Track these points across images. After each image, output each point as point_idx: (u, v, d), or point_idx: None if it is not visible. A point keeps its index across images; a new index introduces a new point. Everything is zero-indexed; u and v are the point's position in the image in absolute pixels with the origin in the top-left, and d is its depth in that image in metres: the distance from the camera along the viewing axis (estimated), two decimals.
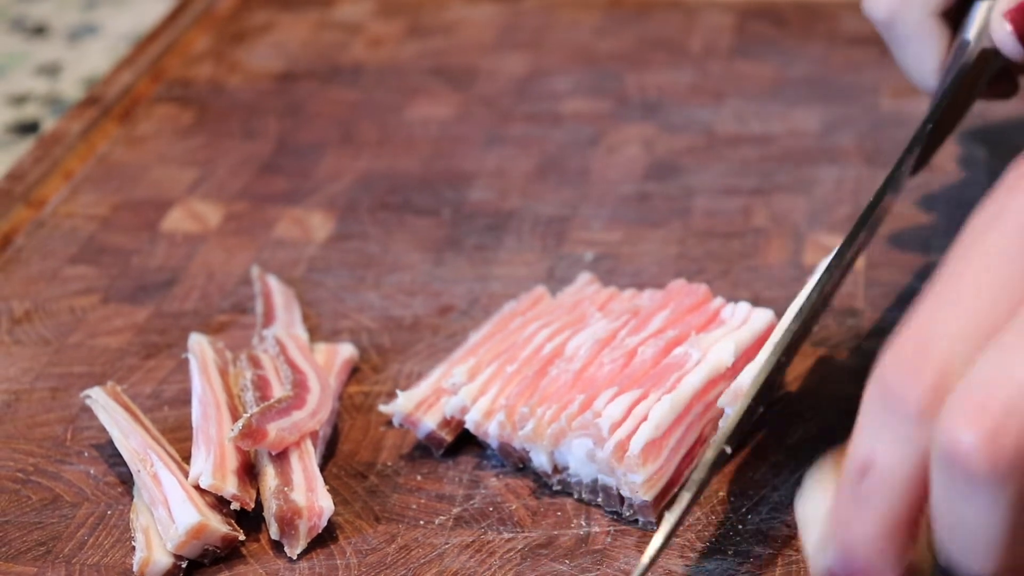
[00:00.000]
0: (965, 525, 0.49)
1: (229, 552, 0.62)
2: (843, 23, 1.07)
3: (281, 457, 0.64)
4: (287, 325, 0.76)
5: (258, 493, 0.64)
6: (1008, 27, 0.67)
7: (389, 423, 0.70)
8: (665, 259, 0.81)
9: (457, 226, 0.86)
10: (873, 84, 0.98)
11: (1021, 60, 0.68)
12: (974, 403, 0.47)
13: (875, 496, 0.51)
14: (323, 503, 0.62)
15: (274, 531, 0.62)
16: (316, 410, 0.66)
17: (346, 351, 0.73)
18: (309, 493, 0.62)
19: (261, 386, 0.68)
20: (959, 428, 0.47)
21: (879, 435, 0.51)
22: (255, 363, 0.69)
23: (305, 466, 0.64)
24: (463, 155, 0.93)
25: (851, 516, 0.52)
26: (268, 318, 0.76)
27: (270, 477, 0.63)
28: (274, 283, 0.79)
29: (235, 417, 0.67)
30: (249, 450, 0.64)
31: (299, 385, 0.67)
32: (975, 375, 0.48)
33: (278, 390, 0.67)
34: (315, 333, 0.77)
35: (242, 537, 0.63)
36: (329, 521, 0.63)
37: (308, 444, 0.65)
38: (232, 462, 0.64)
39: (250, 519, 0.64)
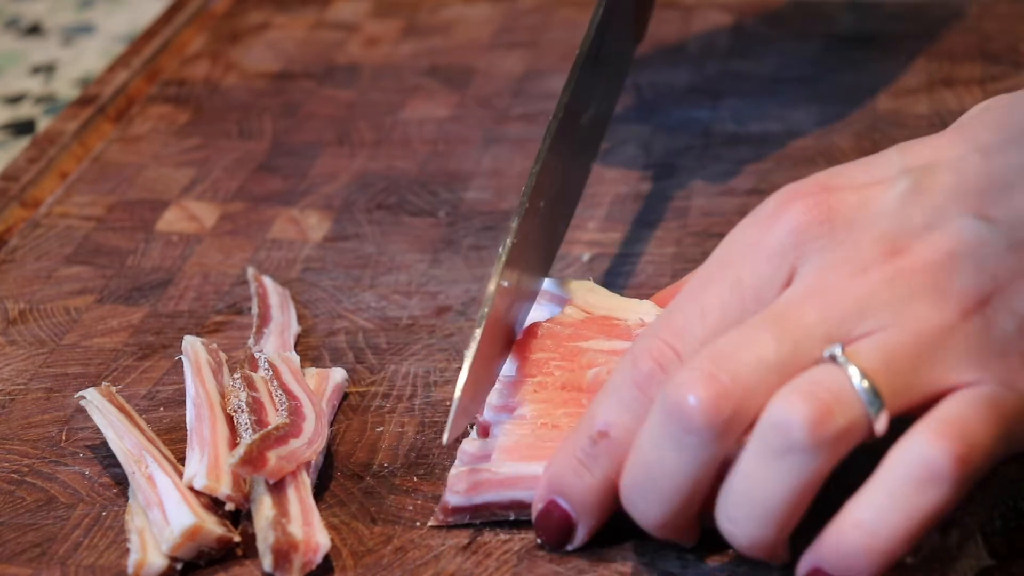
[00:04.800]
0: (662, 473, 0.57)
1: (225, 553, 0.62)
2: (841, 23, 1.06)
3: (278, 487, 0.62)
4: (282, 327, 0.75)
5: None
6: None
7: (385, 424, 0.70)
8: (662, 259, 0.81)
9: (454, 226, 0.86)
10: (871, 84, 0.98)
11: None
12: (704, 371, 0.55)
13: (604, 459, 0.59)
14: (320, 539, 0.61)
15: (267, 563, 0.60)
16: (312, 439, 0.65)
17: (337, 376, 0.72)
18: (306, 527, 0.61)
19: (256, 409, 0.66)
20: (688, 387, 0.55)
21: (621, 407, 0.58)
22: (249, 384, 0.68)
23: (301, 497, 0.62)
24: (460, 155, 0.93)
25: (575, 469, 0.59)
26: (264, 319, 0.76)
27: (266, 507, 0.61)
28: (270, 284, 0.79)
29: (229, 421, 0.66)
30: (246, 477, 0.63)
31: (295, 412, 0.66)
32: (710, 348, 0.56)
33: (272, 415, 0.66)
34: (311, 334, 0.76)
35: (237, 538, 0.62)
36: (325, 522, 0.62)
37: (304, 475, 0.63)
38: (226, 464, 0.64)
39: (245, 520, 0.64)
